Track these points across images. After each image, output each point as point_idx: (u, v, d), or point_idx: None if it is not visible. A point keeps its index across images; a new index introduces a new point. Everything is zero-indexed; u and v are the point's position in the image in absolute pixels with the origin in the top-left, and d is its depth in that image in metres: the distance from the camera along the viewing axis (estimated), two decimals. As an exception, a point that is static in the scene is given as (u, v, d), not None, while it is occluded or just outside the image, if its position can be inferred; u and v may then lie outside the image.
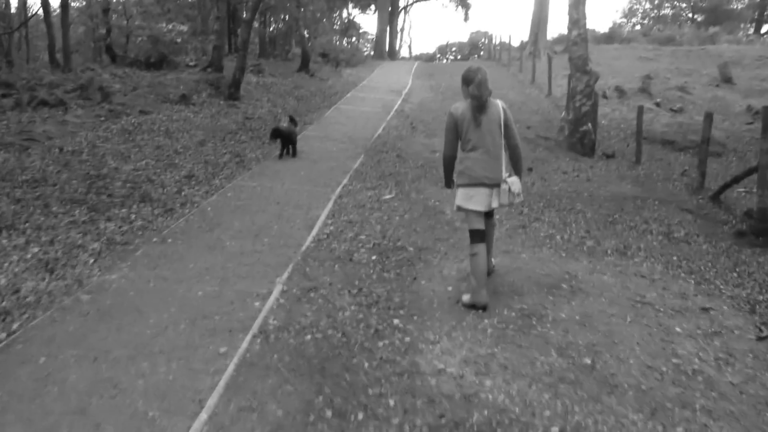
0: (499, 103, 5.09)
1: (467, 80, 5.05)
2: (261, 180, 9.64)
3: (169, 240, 6.62)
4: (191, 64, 22.92)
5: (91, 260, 5.94)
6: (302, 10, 23.96)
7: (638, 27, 45.95)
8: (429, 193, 9.32)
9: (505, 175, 5.06)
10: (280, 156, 11.18)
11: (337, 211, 8.13)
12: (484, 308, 5.05)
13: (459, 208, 5.27)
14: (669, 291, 5.75)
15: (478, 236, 5.16)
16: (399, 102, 18.66)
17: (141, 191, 8.59)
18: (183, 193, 8.69)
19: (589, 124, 12.48)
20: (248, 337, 4.47)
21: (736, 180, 9.03)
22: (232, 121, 14.51)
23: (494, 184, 5.03)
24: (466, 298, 5.19)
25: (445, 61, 51.55)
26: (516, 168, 5.27)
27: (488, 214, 5.34)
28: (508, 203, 5.11)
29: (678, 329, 4.88)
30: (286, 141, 11.33)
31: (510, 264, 6.05)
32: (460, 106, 5.07)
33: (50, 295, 5.12)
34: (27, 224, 6.84)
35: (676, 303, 5.43)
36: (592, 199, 9.38)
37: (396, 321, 4.87)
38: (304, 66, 23.36)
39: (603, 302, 5.29)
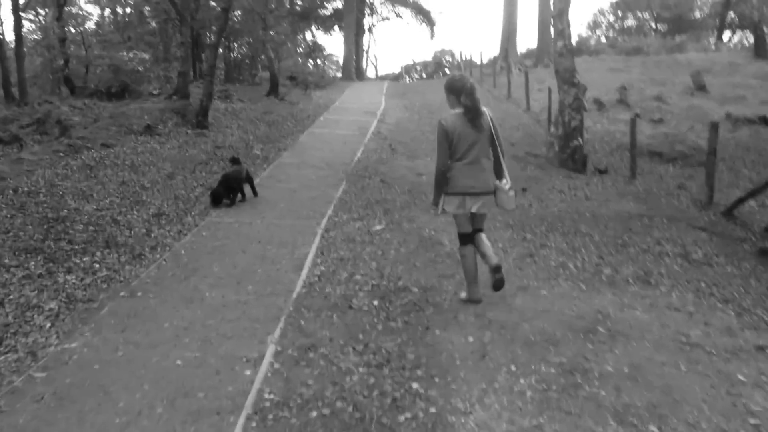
0: (487, 111, 5.21)
1: (455, 90, 5.13)
2: (238, 215, 8.83)
3: (139, 293, 5.78)
4: (155, 92, 22.03)
5: (48, 324, 5.08)
6: (269, 33, 23.22)
7: (603, 39, 46.06)
8: (422, 222, 8.60)
9: (503, 182, 5.27)
10: (232, 203, 9.38)
11: (326, 248, 7.36)
12: (478, 302, 5.43)
13: (444, 211, 5.39)
14: (712, 327, 5.08)
15: (466, 239, 5.38)
16: (375, 123, 17.99)
17: (105, 234, 7.73)
18: (153, 235, 7.85)
19: (580, 139, 11.91)
20: (241, 420, 3.66)
21: (753, 194, 8.45)
22: (202, 150, 13.67)
23: (481, 193, 5.16)
24: (463, 294, 5.60)
25: (409, 80, 51.22)
26: (499, 174, 5.33)
27: (478, 230, 5.40)
28: (514, 208, 5.46)
29: (741, 377, 4.19)
30: (237, 188, 9.53)
31: (534, 305, 5.32)
32: (449, 117, 5.09)
33: (-3, 375, 4.25)
34: (-27, 282, 5.95)
35: (726, 342, 4.75)
36: (596, 220, 8.74)
37: (415, 385, 4.10)
38: (273, 90, 22.60)
39: (647, 347, 4.58)
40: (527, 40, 69.27)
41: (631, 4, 44.76)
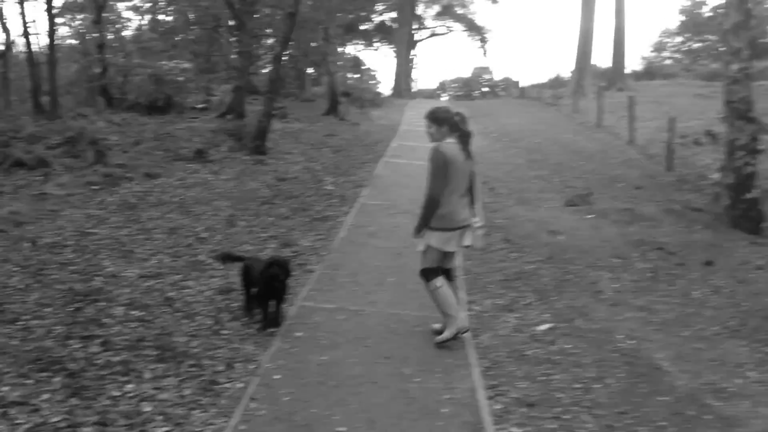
0: None
1: (445, 119, 5.08)
2: (338, 296, 6.31)
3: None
4: (199, 106, 19.73)
5: None
6: (331, 45, 20.80)
7: (668, 62, 43.14)
8: (601, 319, 6.02)
9: (475, 220, 5.27)
10: (265, 327, 5.44)
11: (494, 374, 4.79)
12: (467, 331, 5.33)
13: (429, 248, 5.09)
14: None
15: (438, 272, 5.16)
16: (456, 153, 15.39)
17: (156, 331, 5.24)
18: (224, 334, 5.33)
19: (756, 191, 9.24)
20: None
21: None
22: (263, 183, 11.23)
23: (466, 226, 5.15)
24: (444, 335, 5.17)
25: (446, 97, 48.76)
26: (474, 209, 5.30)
27: (450, 276, 5.31)
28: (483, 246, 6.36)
29: None
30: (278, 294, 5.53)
31: None
32: (448, 146, 5.01)
33: None
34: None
35: None
36: None
37: None
38: (333, 108, 20.11)
39: None
40: (598, 59, 65.45)
41: (701, 26, 41.76)
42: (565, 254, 7.92)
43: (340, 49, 40.78)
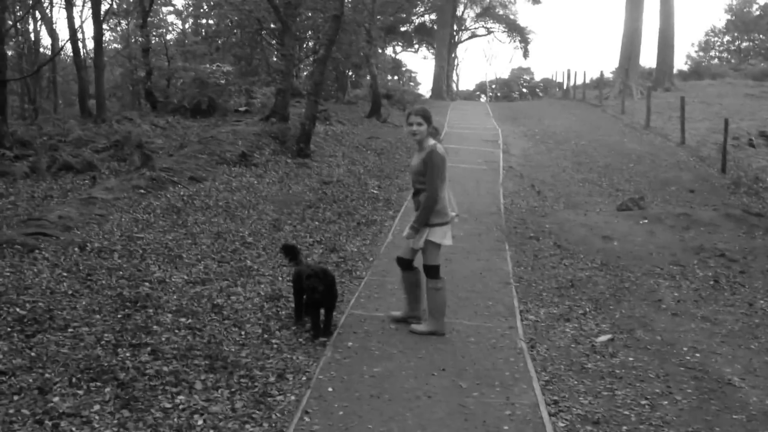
0: None
1: (431, 120, 5.28)
2: (388, 304, 6.17)
3: None
4: (241, 109, 19.78)
5: None
6: (374, 47, 20.68)
7: (715, 61, 42.11)
8: (663, 329, 5.77)
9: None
10: (316, 336, 5.31)
11: (553, 389, 4.59)
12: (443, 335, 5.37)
13: (431, 244, 5.23)
14: None
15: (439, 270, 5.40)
16: (501, 155, 15.14)
17: (205, 337, 5.16)
18: (274, 343, 5.22)
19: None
20: None
21: None
22: (306, 187, 11.15)
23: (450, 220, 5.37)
24: (420, 327, 5.44)
25: (484, 98, 48.46)
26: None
27: (411, 266, 5.50)
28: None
29: None
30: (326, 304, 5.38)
31: None
32: (441, 147, 5.27)
33: None
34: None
35: None
36: None
37: None
38: (375, 111, 19.97)
39: None
40: (644, 58, 63.84)
41: (750, 24, 40.66)
42: (620, 261, 7.66)
43: (381, 51, 40.87)
